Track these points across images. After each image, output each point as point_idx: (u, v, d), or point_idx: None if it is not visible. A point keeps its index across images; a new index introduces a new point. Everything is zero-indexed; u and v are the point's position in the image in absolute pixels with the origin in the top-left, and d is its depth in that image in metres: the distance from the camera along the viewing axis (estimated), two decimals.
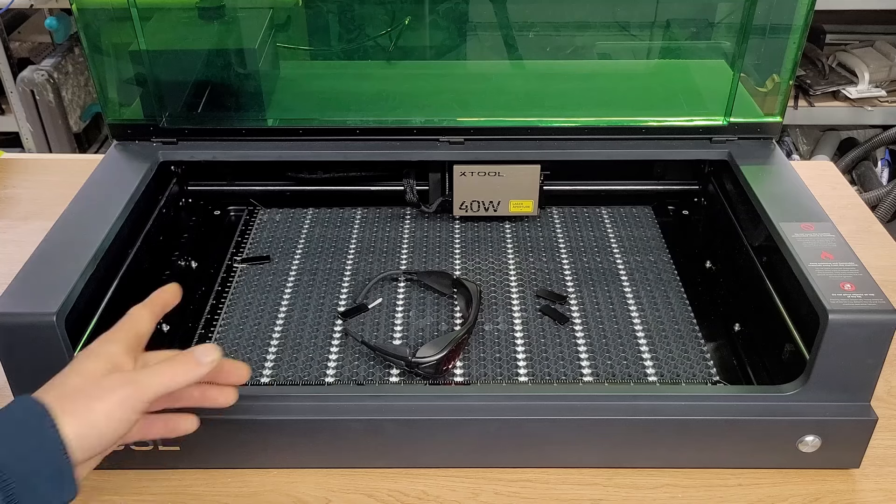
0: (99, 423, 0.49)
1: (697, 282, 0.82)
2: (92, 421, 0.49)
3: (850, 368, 0.61)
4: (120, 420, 0.50)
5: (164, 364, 0.53)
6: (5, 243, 0.95)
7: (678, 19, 0.96)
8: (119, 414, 0.50)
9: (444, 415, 0.64)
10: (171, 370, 0.53)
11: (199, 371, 0.53)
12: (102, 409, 0.49)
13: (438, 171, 0.87)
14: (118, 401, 0.50)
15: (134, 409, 0.51)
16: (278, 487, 0.65)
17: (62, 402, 0.49)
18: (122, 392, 0.50)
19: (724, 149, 0.84)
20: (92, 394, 0.50)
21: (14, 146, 2.25)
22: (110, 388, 0.50)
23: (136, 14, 0.81)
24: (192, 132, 0.85)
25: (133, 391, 0.51)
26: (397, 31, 0.93)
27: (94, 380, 0.51)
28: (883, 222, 1.56)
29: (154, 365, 0.53)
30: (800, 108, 2.27)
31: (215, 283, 0.82)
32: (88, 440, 0.49)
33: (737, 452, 0.65)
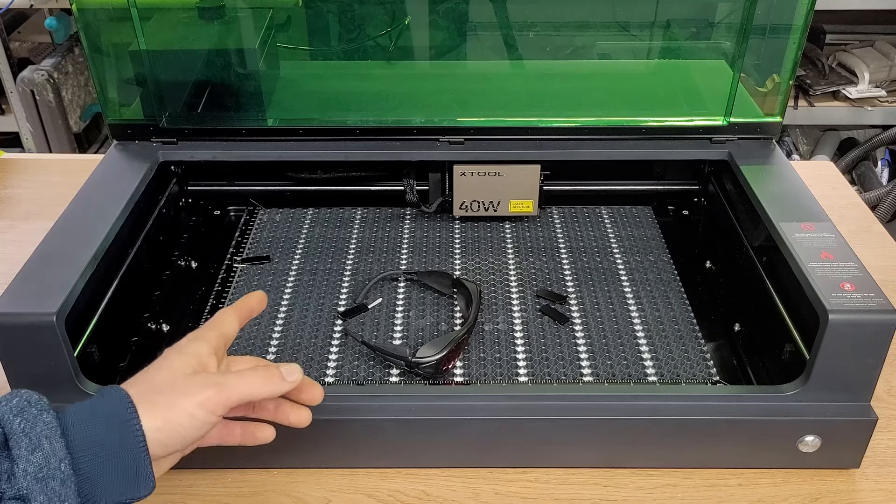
0: (180, 420, 0.50)
1: (697, 282, 0.82)
2: (173, 418, 0.49)
3: (850, 368, 0.61)
4: (201, 420, 0.50)
5: (249, 372, 0.54)
6: (5, 243, 0.95)
7: (678, 19, 0.96)
8: (200, 414, 0.50)
9: (444, 415, 0.64)
10: (256, 380, 0.53)
11: (283, 387, 0.54)
12: (185, 407, 0.50)
13: (438, 171, 0.87)
14: (201, 401, 0.50)
15: (215, 412, 0.51)
16: (278, 487, 0.65)
17: (147, 396, 0.49)
18: (206, 393, 0.51)
19: (724, 149, 0.84)
20: (177, 391, 0.50)
21: (14, 146, 2.25)
22: (195, 387, 0.51)
23: (136, 14, 0.81)
24: (192, 132, 0.85)
25: (216, 393, 0.51)
26: (397, 31, 0.93)
27: (180, 378, 0.51)
28: (883, 222, 1.56)
29: (240, 371, 0.54)
30: (800, 108, 2.27)
31: (215, 283, 0.82)
32: (168, 436, 0.49)
33: (737, 452, 0.65)
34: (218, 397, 0.51)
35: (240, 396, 0.52)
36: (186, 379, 0.51)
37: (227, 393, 0.52)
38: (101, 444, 0.47)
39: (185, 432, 0.50)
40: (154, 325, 0.77)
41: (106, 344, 0.69)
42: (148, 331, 0.76)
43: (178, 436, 0.50)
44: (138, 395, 0.49)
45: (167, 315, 0.78)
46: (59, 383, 0.61)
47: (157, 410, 0.49)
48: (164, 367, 0.52)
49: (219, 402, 0.51)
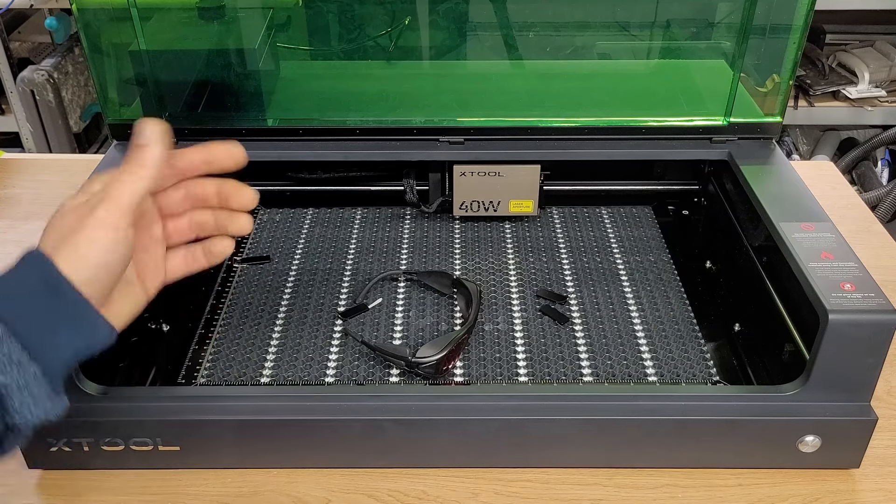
0: (87, 255, 0.48)
1: (697, 282, 0.82)
2: (81, 256, 0.48)
3: (850, 368, 0.61)
4: (109, 242, 0.49)
5: (122, 169, 0.52)
6: (5, 243, 0.95)
7: (678, 19, 0.96)
8: (105, 235, 0.49)
9: (444, 415, 0.64)
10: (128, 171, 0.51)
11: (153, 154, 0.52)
12: (84, 238, 0.48)
13: (438, 171, 0.87)
14: (97, 224, 0.49)
15: (117, 227, 0.49)
16: (278, 487, 0.65)
17: (52, 249, 0.48)
18: (97, 215, 0.49)
19: (724, 149, 0.84)
20: (73, 231, 0.49)
21: (14, 146, 2.25)
22: (84, 215, 0.49)
23: (136, 14, 0.81)
24: (192, 132, 0.85)
25: (106, 208, 0.49)
26: (397, 31, 0.93)
27: (71, 217, 0.50)
28: (883, 222, 1.56)
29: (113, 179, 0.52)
30: (800, 108, 2.27)
31: (215, 283, 0.82)
32: (89, 276, 0.48)
33: (737, 452, 0.65)
34: (110, 207, 0.49)
35: (126, 196, 0.50)
36: (74, 213, 0.50)
37: (114, 199, 0.50)
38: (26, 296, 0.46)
39: (100, 258, 0.48)
40: (154, 325, 0.77)
41: None
42: (148, 331, 0.76)
43: (95, 267, 0.48)
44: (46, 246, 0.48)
45: (167, 315, 0.78)
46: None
47: (66, 256, 0.47)
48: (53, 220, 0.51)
49: (114, 212, 0.49)
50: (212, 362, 0.72)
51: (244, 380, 0.70)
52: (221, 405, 0.63)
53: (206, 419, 0.63)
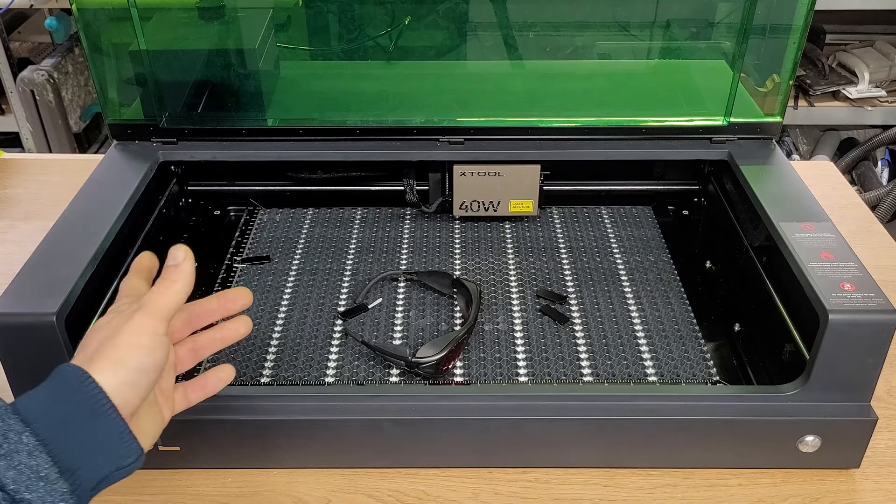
0: (127, 359, 0.49)
1: (697, 282, 0.82)
2: (120, 360, 0.48)
3: (850, 368, 0.61)
4: (147, 347, 0.50)
5: (157, 284, 0.54)
6: (5, 243, 0.95)
7: (678, 19, 0.96)
8: (143, 340, 0.50)
9: (444, 415, 0.64)
10: (165, 283, 0.53)
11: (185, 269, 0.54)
12: (125, 345, 0.49)
13: (438, 171, 0.87)
14: (134, 329, 0.50)
15: (155, 332, 0.50)
16: (278, 487, 0.65)
17: (88, 362, 0.48)
18: (134, 321, 0.50)
19: (724, 149, 0.84)
20: (110, 338, 0.49)
21: (14, 146, 2.25)
22: (121, 323, 0.50)
23: (136, 14, 0.81)
24: (192, 132, 0.85)
25: (143, 314, 0.51)
26: (397, 31, 0.93)
27: (107, 331, 0.50)
28: (883, 222, 1.56)
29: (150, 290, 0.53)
30: (800, 108, 2.27)
31: (215, 283, 0.82)
32: (127, 380, 0.48)
33: (737, 452, 0.65)
34: (148, 317, 0.50)
35: (166, 304, 0.52)
36: (114, 326, 0.50)
37: (152, 309, 0.51)
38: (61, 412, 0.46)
39: (141, 366, 0.49)
40: None
41: None
42: None
43: (136, 373, 0.49)
44: (81, 362, 0.48)
45: None
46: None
47: (103, 362, 0.48)
48: (90, 335, 0.51)
49: (152, 320, 0.51)
50: (212, 362, 0.72)
51: (244, 380, 0.70)
52: (221, 405, 0.63)
53: (206, 419, 0.63)
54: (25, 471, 0.43)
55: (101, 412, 0.46)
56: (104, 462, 0.47)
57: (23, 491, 0.42)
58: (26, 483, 0.43)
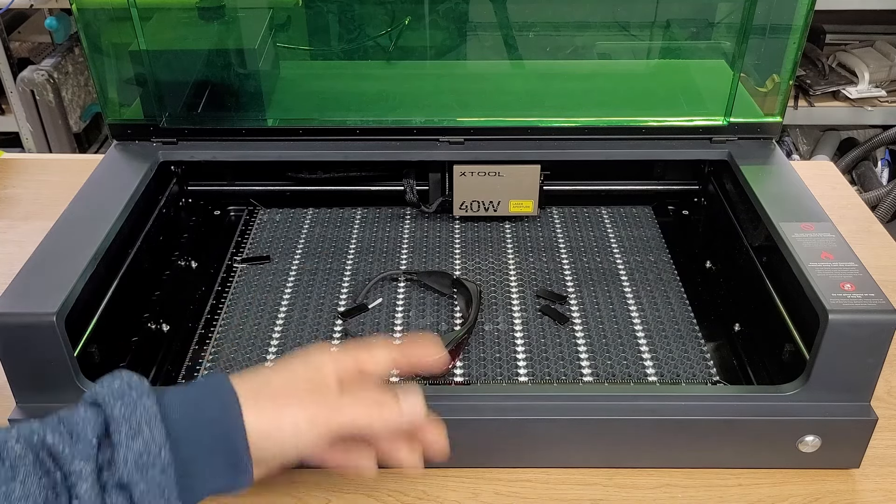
0: (283, 429, 0.48)
1: (697, 282, 0.82)
2: (277, 425, 0.47)
3: (850, 368, 0.61)
4: (305, 435, 0.48)
5: (367, 399, 0.51)
6: (5, 243, 0.95)
7: (678, 19, 0.96)
8: (306, 429, 0.48)
9: (444, 415, 0.63)
10: (373, 410, 0.50)
11: (400, 421, 0.51)
12: (291, 417, 0.48)
13: (438, 171, 0.87)
14: (309, 416, 0.48)
15: (321, 433, 0.49)
16: (278, 487, 0.65)
17: (256, 396, 0.48)
18: (317, 410, 0.49)
19: (724, 149, 0.84)
20: (287, 400, 0.48)
21: (14, 146, 2.25)
22: (306, 401, 0.49)
23: (136, 14, 0.81)
24: (192, 132, 0.85)
25: (327, 413, 0.49)
26: (397, 31, 0.93)
27: (295, 386, 0.49)
28: (883, 222, 1.56)
29: (356, 396, 0.51)
30: (800, 108, 2.27)
31: (215, 283, 0.82)
32: (267, 442, 0.47)
33: (737, 452, 0.65)
34: (328, 417, 0.49)
35: (351, 422, 0.49)
36: (301, 389, 0.49)
37: (338, 415, 0.49)
38: (202, 433, 0.46)
39: (286, 442, 0.48)
40: (154, 325, 0.77)
41: (106, 344, 0.69)
42: (148, 331, 0.76)
43: (278, 444, 0.48)
44: (250, 391, 0.48)
45: (167, 315, 0.78)
46: (59, 383, 0.61)
47: (264, 411, 0.47)
48: (283, 371, 0.50)
49: (328, 423, 0.49)
50: (212, 362, 0.72)
51: None
52: None
53: None
54: (154, 486, 0.44)
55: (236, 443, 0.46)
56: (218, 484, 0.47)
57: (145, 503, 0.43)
58: (153, 499, 0.44)
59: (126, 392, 0.46)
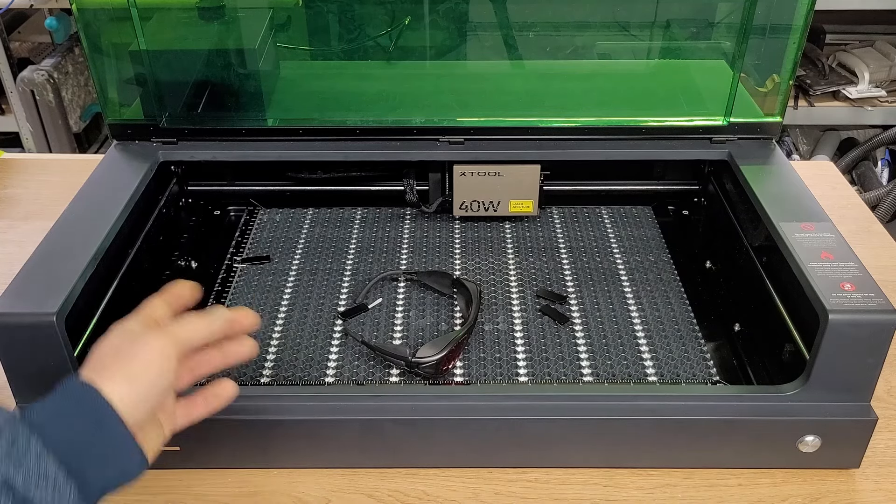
0: (140, 375, 0.50)
1: (697, 282, 0.82)
2: (132, 375, 0.50)
3: (850, 368, 0.61)
4: (160, 368, 0.51)
5: (185, 316, 0.55)
6: (5, 243, 0.95)
7: (678, 19, 0.96)
8: (157, 362, 0.51)
9: (444, 415, 0.64)
10: (194, 319, 0.55)
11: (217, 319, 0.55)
12: (139, 361, 0.50)
13: (438, 171, 0.87)
14: (152, 350, 0.51)
15: (169, 356, 0.52)
16: (278, 487, 0.65)
17: (99, 371, 0.49)
18: (154, 342, 0.51)
19: (724, 149, 0.84)
20: (125, 354, 0.51)
21: (14, 146, 2.25)
22: (142, 343, 0.51)
23: (136, 14, 0.81)
24: (192, 132, 0.85)
25: (163, 337, 0.52)
26: (397, 31, 0.93)
27: (124, 342, 0.52)
28: (883, 222, 1.56)
29: (179, 320, 0.55)
30: (800, 108, 2.27)
31: (215, 283, 0.82)
32: (135, 395, 0.49)
33: (737, 452, 0.65)
34: (167, 340, 0.52)
35: (186, 336, 0.53)
36: (130, 341, 0.52)
37: (173, 335, 0.52)
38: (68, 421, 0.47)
39: (150, 384, 0.50)
40: None
41: None
42: None
43: (145, 390, 0.50)
44: (91, 373, 0.49)
45: None
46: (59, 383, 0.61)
47: (116, 376, 0.49)
48: (103, 346, 0.52)
49: (170, 344, 0.52)
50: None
51: (244, 380, 0.70)
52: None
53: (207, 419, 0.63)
54: (34, 474, 0.44)
55: (107, 422, 0.48)
56: (110, 469, 0.48)
57: (32, 491, 0.43)
58: (35, 485, 0.44)
59: None
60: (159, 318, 0.56)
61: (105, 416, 0.48)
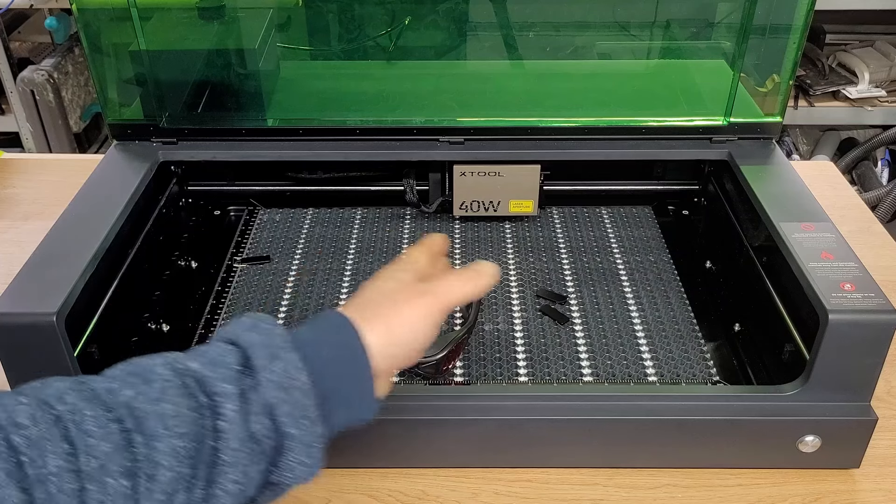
0: (401, 331, 0.50)
1: (697, 282, 0.82)
2: (393, 329, 0.50)
3: (850, 368, 0.61)
4: (421, 329, 0.51)
5: (454, 276, 0.55)
6: (5, 243, 0.95)
7: (678, 19, 0.96)
8: (420, 323, 0.51)
9: (444, 415, 0.64)
10: (461, 281, 0.54)
11: (484, 282, 0.55)
12: (403, 318, 0.51)
13: (438, 171, 0.87)
14: (417, 309, 0.51)
15: (433, 319, 0.52)
16: None
17: (363, 313, 0.50)
18: (420, 301, 0.51)
19: (724, 149, 0.84)
20: (392, 306, 0.51)
21: (14, 146, 2.25)
22: (407, 299, 0.51)
23: (136, 14, 0.81)
24: (192, 132, 0.85)
25: (431, 300, 0.52)
26: (397, 31, 0.93)
27: (392, 292, 0.52)
28: (883, 222, 1.56)
29: (446, 278, 0.54)
30: (800, 108, 2.27)
31: (215, 283, 0.82)
32: (391, 349, 0.50)
33: (737, 452, 0.65)
34: (433, 303, 0.52)
35: (453, 299, 0.53)
36: (398, 292, 0.52)
37: (440, 298, 0.52)
38: (331, 362, 0.47)
39: (408, 343, 0.51)
40: (154, 325, 0.77)
41: (106, 344, 0.69)
42: (148, 331, 0.76)
43: (401, 347, 0.50)
44: (355, 313, 0.50)
45: (167, 315, 0.78)
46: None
47: (378, 325, 0.49)
48: (371, 289, 0.53)
49: (435, 308, 0.52)
50: None
51: None
52: None
53: None
54: (298, 408, 0.45)
55: (361, 370, 0.48)
56: (350, 414, 0.49)
57: (290, 426, 0.45)
58: (295, 420, 0.45)
59: (258, 324, 0.47)
60: (422, 270, 0.56)
61: (361, 364, 0.48)
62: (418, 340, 0.51)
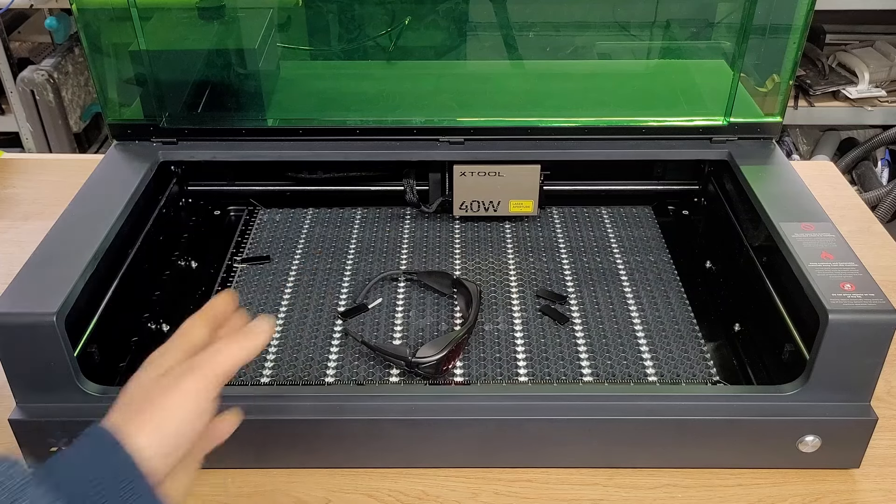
0: (172, 423, 0.47)
1: (697, 282, 0.82)
2: (163, 424, 0.46)
3: (850, 368, 0.61)
4: (194, 411, 0.48)
5: (222, 343, 0.51)
6: (5, 243, 0.95)
7: (678, 19, 0.96)
8: (191, 405, 0.47)
9: (444, 415, 0.64)
10: (231, 346, 0.50)
11: (258, 342, 0.51)
12: (173, 407, 0.47)
13: (438, 171, 0.87)
14: (185, 393, 0.47)
15: (205, 396, 0.48)
16: (278, 487, 0.65)
17: (127, 415, 0.46)
18: (187, 383, 0.48)
19: (724, 149, 0.84)
20: (159, 395, 0.47)
21: (14, 146, 2.25)
22: (173, 384, 0.48)
23: (136, 14, 0.81)
24: (192, 132, 0.85)
25: (197, 377, 0.48)
26: (397, 31, 0.93)
27: (156, 383, 0.48)
28: (883, 222, 1.56)
29: (212, 349, 0.50)
30: (800, 108, 2.27)
31: (215, 283, 0.82)
32: (166, 445, 0.46)
33: (737, 452, 0.65)
34: (201, 379, 0.48)
35: (221, 371, 0.49)
36: (163, 378, 0.48)
37: (207, 371, 0.48)
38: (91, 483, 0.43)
39: (186, 431, 0.47)
40: (154, 325, 0.77)
41: (106, 344, 0.69)
42: (148, 331, 0.76)
43: (175, 437, 0.47)
44: (119, 418, 0.46)
45: (167, 315, 0.78)
46: (59, 383, 0.61)
47: (146, 424, 0.46)
48: (137, 382, 0.49)
49: (203, 385, 0.48)
50: None
51: (244, 380, 0.70)
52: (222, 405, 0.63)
53: None
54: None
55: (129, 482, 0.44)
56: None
57: None
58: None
59: None
60: (198, 344, 0.52)
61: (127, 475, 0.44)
62: (194, 424, 0.47)
